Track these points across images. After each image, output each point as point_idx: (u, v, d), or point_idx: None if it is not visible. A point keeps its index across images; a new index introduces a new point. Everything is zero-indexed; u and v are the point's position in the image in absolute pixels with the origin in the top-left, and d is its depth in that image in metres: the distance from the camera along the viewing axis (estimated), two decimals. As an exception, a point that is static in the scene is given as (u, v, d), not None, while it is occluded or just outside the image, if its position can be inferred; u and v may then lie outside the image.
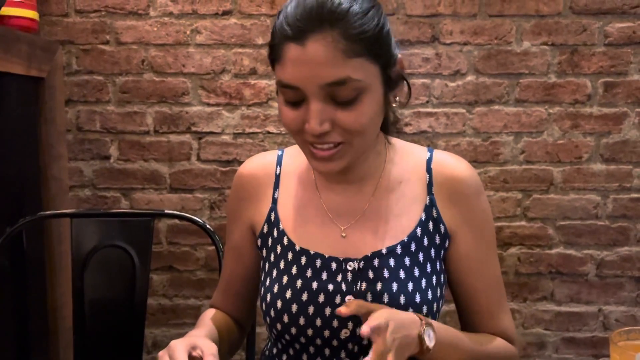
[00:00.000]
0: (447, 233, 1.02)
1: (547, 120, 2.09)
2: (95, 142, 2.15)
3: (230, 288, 1.15)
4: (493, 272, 1.05)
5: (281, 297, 0.99)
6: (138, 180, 2.15)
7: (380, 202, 1.02)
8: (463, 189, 1.01)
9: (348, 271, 0.98)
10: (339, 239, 1.01)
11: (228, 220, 1.14)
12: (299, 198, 1.05)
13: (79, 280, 1.51)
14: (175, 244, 2.19)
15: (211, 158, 2.14)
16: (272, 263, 1.03)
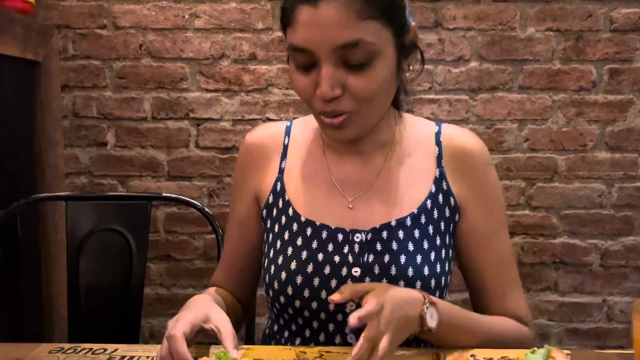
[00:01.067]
0: (457, 206, 1.00)
1: (552, 107, 2.06)
2: (91, 129, 2.11)
3: (234, 265, 1.11)
4: (503, 248, 1.02)
5: (285, 268, 0.96)
6: (135, 168, 2.12)
7: (389, 174, 1.00)
8: (472, 162, 1.00)
9: (355, 243, 0.96)
10: (346, 210, 0.99)
11: (232, 192, 1.12)
12: (306, 169, 1.03)
13: (74, 265, 1.47)
14: (173, 233, 2.15)
15: (210, 145, 2.11)
16: (276, 234, 1.01)
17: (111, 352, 0.94)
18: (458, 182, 1.00)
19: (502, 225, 1.02)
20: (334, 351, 0.90)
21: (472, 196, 1.00)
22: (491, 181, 1.01)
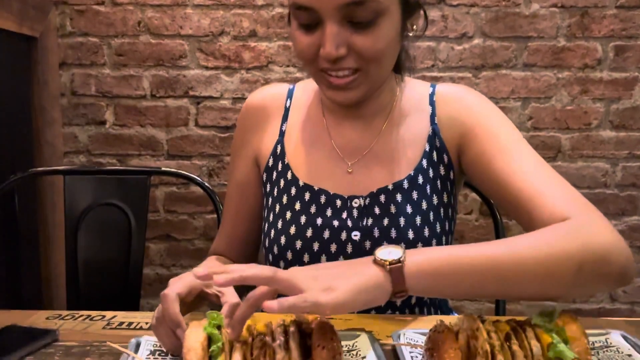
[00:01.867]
0: (451, 163, 0.98)
1: (556, 85, 2.03)
2: (90, 107, 2.08)
3: (234, 231, 1.10)
4: (523, 156, 0.88)
5: (285, 232, 0.95)
6: (134, 147, 2.10)
7: (388, 138, 0.99)
8: (465, 102, 0.98)
9: (354, 208, 0.95)
10: (345, 175, 0.98)
11: (233, 155, 1.10)
12: (306, 133, 1.02)
13: (73, 240, 1.45)
14: (173, 212, 2.13)
15: (209, 124, 2.08)
16: (275, 198, 1.00)
17: (109, 318, 0.92)
18: (453, 125, 0.97)
19: (515, 141, 0.91)
20: (336, 317, 0.89)
21: (470, 130, 0.94)
22: (489, 110, 0.96)
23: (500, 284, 0.71)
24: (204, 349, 0.67)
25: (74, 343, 0.82)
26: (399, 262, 0.68)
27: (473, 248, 0.72)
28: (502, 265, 0.70)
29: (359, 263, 0.70)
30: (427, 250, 0.73)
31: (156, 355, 0.75)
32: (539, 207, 0.81)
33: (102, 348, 0.80)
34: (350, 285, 0.65)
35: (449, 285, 0.71)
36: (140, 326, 0.89)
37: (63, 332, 0.85)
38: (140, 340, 0.78)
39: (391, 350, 0.78)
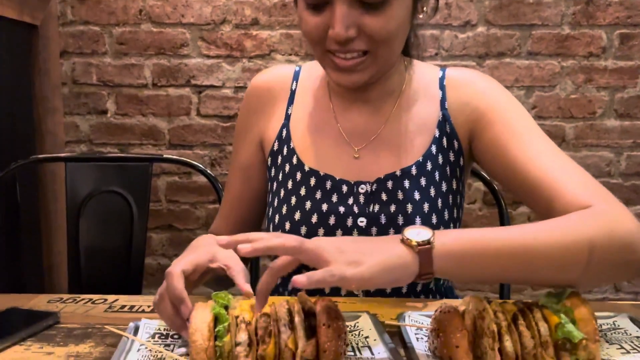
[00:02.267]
0: (461, 149, 0.97)
1: (560, 74, 2.02)
2: (91, 96, 2.07)
3: (235, 213, 1.08)
4: (539, 143, 0.86)
5: (289, 218, 0.94)
6: (136, 136, 2.09)
7: (396, 122, 0.97)
8: (477, 87, 0.96)
9: (360, 194, 0.94)
10: (351, 160, 0.96)
11: (236, 137, 1.08)
12: (313, 117, 1.00)
13: (74, 228, 1.44)
14: (175, 202, 2.12)
15: (211, 113, 2.07)
16: (280, 182, 0.98)
17: (111, 302, 0.91)
18: (464, 111, 0.95)
19: (530, 127, 0.89)
20: (340, 301, 0.88)
21: (482, 116, 0.93)
22: (503, 95, 0.94)
23: (527, 269, 0.70)
24: (210, 329, 0.66)
25: (75, 325, 0.81)
26: (428, 244, 0.67)
27: (500, 232, 0.72)
28: (529, 251, 0.69)
29: (386, 240, 0.70)
30: (455, 232, 0.72)
31: (156, 338, 0.74)
32: (559, 195, 0.79)
33: (103, 330, 0.79)
34: (376, 262, 0.64)
35: (475, 269, 0.70)
36: (142, 309, 0.88)
37: (64, 314, 0.84)
38: (138, 324, 0.77)
39: (396, 332, 0.77)
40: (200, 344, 0.65)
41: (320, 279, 0.62)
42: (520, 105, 0.94)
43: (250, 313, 0.68)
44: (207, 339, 0.65)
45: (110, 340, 0.76)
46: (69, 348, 0.73)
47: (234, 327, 0.66)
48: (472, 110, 0.95)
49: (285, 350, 0.66)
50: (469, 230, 0.72)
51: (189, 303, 0.70)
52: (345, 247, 0.66)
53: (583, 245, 0.70)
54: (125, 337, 0.72)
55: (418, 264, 0.66)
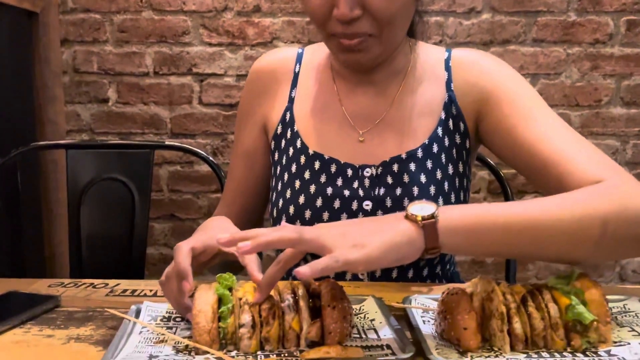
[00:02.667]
0: (467, 131, 0.95)
1: (566, 61, 2.00)
2: (92, 85, 2.06)
3: (238, 200, 1.07)
4: (548, 121, 0.85)
5: (294, 202, 0.93)
6: (137, 125, 2.07)
7: (402, 105, 0.96)
8: (482, 67, 0.94)
9: (365, 178, 0.93)
10: (356, 144, 0.95)
11: (238, 122, 1.06)
12: (317, 99, 0.99)
13: (75, 216, 1.43)
14: (177, 192, 2.11)
15: (213, 101, 2.05)
16: (283, 166, 0.97)
17: (113, 286, 0.90)
18: (471, 92, 0.93)
19: (538, 106, 0.87)
20: (345, 285, 0.86)
21: (490, 92, 0.91)
22: (510, 74, 0.93)
23: (536, 244, 0.69)
24: (214, 311, 0.65)
25: (76, 309, 0.80)
26: (432, 218, 0.65)
27: (508, 206, 0.70)
28: (537, 225, 0.68)
29: (389, 219, 0.68)
30: (460, 207, 0.71)
31: (158, 321, 0.73)
32: (569, 172, 0.78)
33: (105, 314, 0.78)
34: (380, 241, 0.63)
35: (483, 243, 0.69)
36: (144, 293, 0.87)
37: (65, 298, 0.83)
38: (140, 306, 0.76)
39: (402, 316, 0.75)
40: (203, 326, 0.63)
41: (324, 266, 0.60)
42: (528, 84, 0.93)
43: (255, 294, 0.67)
44: (211, 321, 0.64)
45: (111, 322, 0.75)
46: (70, 331, 0.72)
47: (237, 308, 0.65)
48: (479, 90, 0.93)
49: (289, 331, 0.65)
50: (476, 204, 0.71)
51: (192, 280, 0.69)
52: (348, 231, 0.65)
53: (595, 219, 0.68)
54: (126, 320, 0.71)
55: (424, 238, 0.65)
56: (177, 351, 0.64)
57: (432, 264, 0.95)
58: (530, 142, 0.84)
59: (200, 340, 0.63)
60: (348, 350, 0.62)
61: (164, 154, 2.06)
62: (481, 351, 0.66)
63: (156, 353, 0.63)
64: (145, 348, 0.65)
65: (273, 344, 0.64)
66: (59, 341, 0.69)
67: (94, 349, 0.67)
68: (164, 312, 0.75)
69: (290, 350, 0.65)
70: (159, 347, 0.65)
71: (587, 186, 0.74)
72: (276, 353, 0.64)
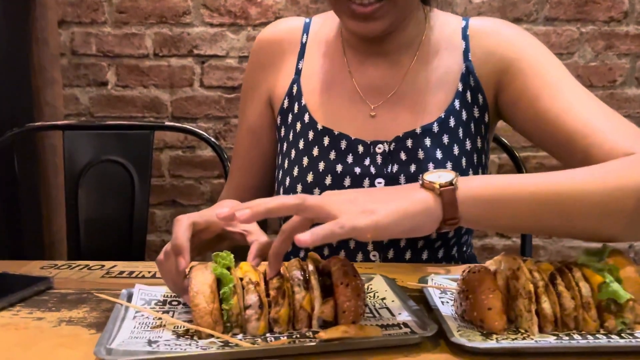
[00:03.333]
0: (486, 104, 0.90)
1: (579, 40, 1.93)
2: (91, 67, 2.00)
3: (245, 180, 1.02)
4: (573, 91, 0.80)
5: (301, 180, 0.88)
6: (137, 108, 2.01)
7: (416, 76, 0.91)
8: (501, 36, 0.89)
9: (377, 154, 0.88)
10: (367, 119, 0.90)
11: (243, 97, 1.01)
12: (325, 71, 0.94)
13: (73, 198, 1.38)
14: (179, 177, 2.06)
15: (215, 84, 1.99)
16: (290, 142, 0.92)
17: (109, 267, 0.85)
18: (490, 61, 0.88)
19: (562, 75, 0.83)
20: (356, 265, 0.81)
21: (511, 61, 0.86)
22: (531, 43, 0.88)
23: (563, 217, 0.63)
24: (213, 291, 0.59)
25: (69, 290, 0.75)
26: (451, 185, 0.60)
27: (533, 176, 0.65)
28: (566, 196, 0.63)
29: (403, 188, 0.64)
30: (482, 176, 0.66)
31: (152, 305, 0.67)
32: (597, 145, 0.73)
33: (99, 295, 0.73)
34: (394, 208, 0.57)
35: (505, 215, 0.63)
36: (142, 275, 0.82)
37: (58, 280, 0.78)
38: (132, 290, 0.70)
39: (418, 298, 0.70)
40: (203, 307, 0.58)
41: (327, 232, 0.54)
42: (551, 53, 0.87)
43: (256, 273, 0.62)
44: (211, 301, 0.59)
45: (106, 305, 0.70)
46: (62, 313, 0.67)
47: (239, 288, 0.60)
48: (498, 60, 0.88)
49: (300, 311, 0.60)
50: (498, 175, 0.65)
51: (188, 256, 0.63)
52: (356, 197, 0.59)
53: (630, 191, 0.63)
54: (118, 305, 0.65)
55: (441, 208, 0.59)
56: (177, 336, 0.59)
57: (448, 245, 0.90)
58: (555, 114, 0.79)
59: (201, 323, 0.58)
60: (365, 329, 0.57)
61: (165, 138, 2.00)
62: (507, 333, 0.61)
63: (155, 338, 0.58)
64: (142, 333, 0.59)
65: (283, 325, 0.59)
66: (49, 324, 0.64)
67: (87, 332, 0.62)
68: (159, 295, 0.70)
69: (302, 332, 0.60)
70: (157, 332, 0.60)
71: (621, 158, 0.69)
72: (287, 335, 0.59)
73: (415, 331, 0.60)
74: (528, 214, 0.63)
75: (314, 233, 0.53)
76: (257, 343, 0.57)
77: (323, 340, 0.55)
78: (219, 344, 0.56)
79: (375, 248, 0.88)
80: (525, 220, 0.64)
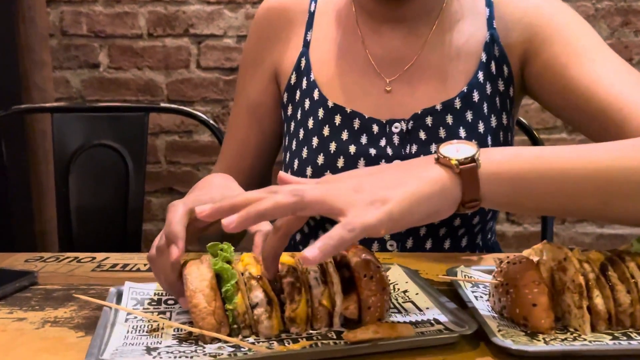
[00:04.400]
0: (512, 76, 0.83)
1: (594, 17, 1.85)
2: (82, 48, 1.91)
3: (239, 162, 0.92)
4: (608, 60, 0.74)
5: (311, 163, 0.80)
6: (131, 91, 1.93)
7: (435, 46, 0.83)
8: (528, 2, 0.82)
9: (394, 134, 0.80)
10: (382, 94, 0.82)
11: (243, 72, 0.92)
12: (336, 43, 0.85)
13: (63, 186, 1.30)
14: (175, 164, 1.97)
15: (212, 65, 1.91)
16: (299, 122, 0.84)
17: (100, 260, 0.77)
18: (516, 29, 0.81)
19: (596, 44, 0.76)
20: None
21: (540, 28, 0.79)
22: (562, 9, 0.80)
23: (599, 196, 0.55)
24: (214, 288, 0.51)
25: (55, 286, 0.67)
26: (473, 162, 0.51)
27: (565, 150, 0.56)
28: (605, 173, 0.55)
29: (415, 164, 0.54)
30: (506, 149, 0.56)
31: (146, 305, 0.59)
32: (634, 117, 0.67)
33: (89, 292, 0.65)
34: (406, 194, 0.49)
35: (534, 195, 0.54)
36: (138, 268, 0.74)
37: (43, 275, 0.70)
38: (121, 288, 0.61)
39: (446, 292, 0.62)
40: (204, 308, 0.50)
41: (337, 242, 0.45)
42: (581, 19, 0.80)
43: (258, 266, 0.53)
44: (212, 300, 0.51)
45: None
46: (46, 313, 0.59)
47: (242, 284, 0.52)
48: (526, 26, 0.81)
49: (318, 309, 0.52)
50: (523, 147, 0.56)
51: (183, 245, 0.54)
52: (362, 183, 0.50)
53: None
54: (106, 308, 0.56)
55: (460, 187, 0.51)
56: (179, 340, 0.51)
57: (472, 232, 0.82)
58: (586, 84, 0.72)
59: (204, 326, 0.50)
60: (397, 327, 0.49)
61: (160, 122, 1.92)
62: (554, 332, 0.53)
63: (154, 344, 0.50)
64: (138, 339, 0.51)
65: (301, 324, 0.51)
66: (31, 325, 0.56)
67: (74, 335, 0.54)
68: (153, 293, 0.61)
69: (322, 332, 0.52)
70: (155, 337, 0.52)
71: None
72: (305, 336, 0.51)
73: (451, 329, 0.52)
74: (559, 193, 0.55)
75: (323, 247, 0.44)
76: (272, 346, 0.49)
77: (352, 343, 0.47)
78: (228, 349, 0.48)
79: (393, 237, 0.80)
80: (555, 201, 0.56)
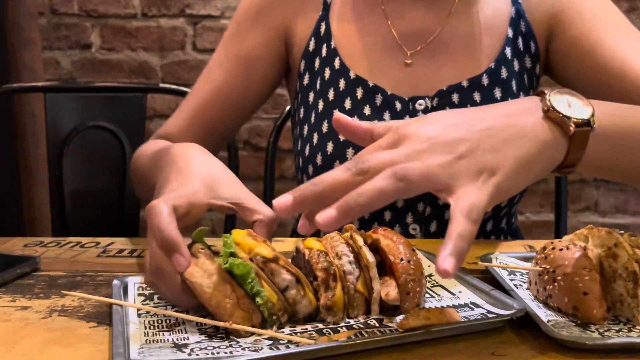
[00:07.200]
0: (538, 53, 0.80)
1: (600, 2, 1.82)
2: (73, 28, 1.84)
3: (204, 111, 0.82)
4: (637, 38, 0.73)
5: (333, 138, 0.75)
6: (124, 73, 1.87)
7: (460, 19, 0.79)
8: None
9: (418, 112, 0.76)
10: (402, 67, 0.78)
11: (244, 18, 0.83)
12: (357, 10, 0.81)
13: (57, 170, 1.24)
14: (170, 149, 1.91)
15: (209, 47, 1.85)
16: (318, 92, 0.79)
17: (105, 245, 0.72)
18: (543, 3, 0.78)
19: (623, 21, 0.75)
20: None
21: (566, 4, 0.77)
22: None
23: None
24: (226, 278, 0.45)
25: (59, 273, 0.62)
26: (588, 126, 0.46)
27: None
28: None
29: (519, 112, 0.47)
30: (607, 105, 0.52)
31: (156, 300, 0.53)
32: None
33: (97, 279, 0.60)
34: (515, 161, 0.43)
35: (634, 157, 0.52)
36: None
37: (45, 261, 0.65)
38: (126, 280, 0.56)
39: (482, 278, 0.58)
40: (227, 304, 0.45)
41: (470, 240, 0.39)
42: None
43: (264, 245, 0.48)
44: (231, 291, 0.45)
45: (106, 290, 0.57)
46: (52, 301, 0.54)
47: (261, 273, 0.47)
48: (553, 2, 0.78)
49: (355, 296, 0.48)
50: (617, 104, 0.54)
51: (186, 250, 0.47)
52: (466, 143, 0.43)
53: None
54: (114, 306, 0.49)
55: (565, 151, 0.46)
56: (208, 336, 0.46)
57: (498, 216, 0.79)
58: (621, 60, 0.71)
59: (235, 321, 0.45)
60: (445, 312, 0.46)
61: (155, 106, 1.86)
62: (607, 323, 0.50)
63: (181, 341, 0.45)
64: (160, 336, 0.45)
65: (339, 313, 0.47)
66: (37, 315, 0.51)
67: (86, 325, 0.49)
68: None
69: (363, 320, 0.48)
70: (178, 333, 0.46)
71: None
72: (345, 325, 0.47)
73: (495, 313, 0.48)
74: None
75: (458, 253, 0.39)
76: (313, 337, 0.45)
77: (405, 330, 0.44)
78: (266, 342, 0.44)
79: (415, 220, 0.76)
80: None
